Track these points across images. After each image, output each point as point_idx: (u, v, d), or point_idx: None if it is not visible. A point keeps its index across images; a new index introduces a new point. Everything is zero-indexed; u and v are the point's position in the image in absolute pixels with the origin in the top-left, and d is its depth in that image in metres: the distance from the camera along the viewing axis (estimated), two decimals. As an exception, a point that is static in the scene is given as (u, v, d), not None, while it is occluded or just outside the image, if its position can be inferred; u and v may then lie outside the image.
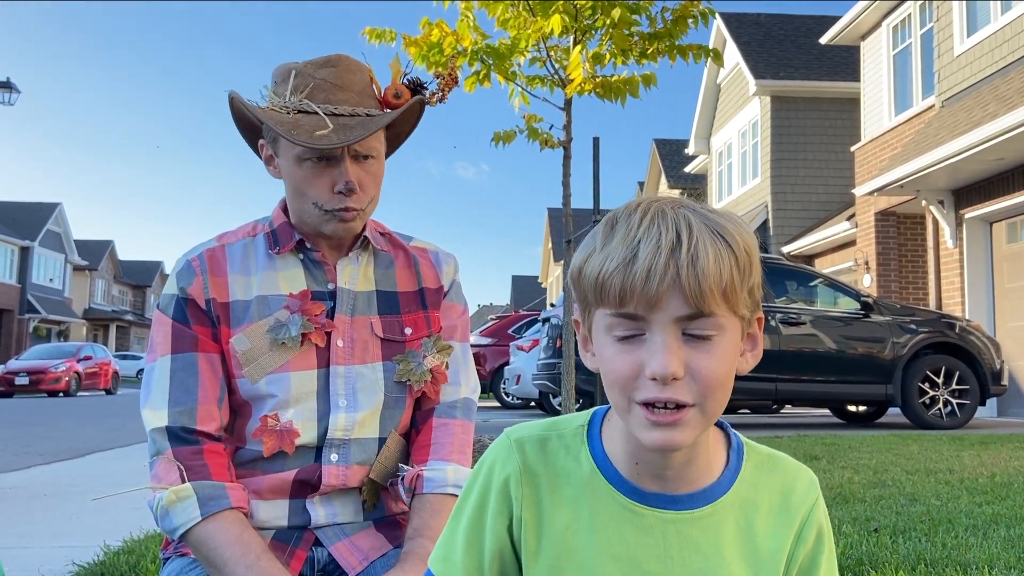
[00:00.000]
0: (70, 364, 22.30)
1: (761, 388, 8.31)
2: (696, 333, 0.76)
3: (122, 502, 4.05)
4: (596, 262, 0.78)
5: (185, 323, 1.37)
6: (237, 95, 1.38)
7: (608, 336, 0.78)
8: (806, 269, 9.95)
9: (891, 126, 13.21)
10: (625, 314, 0.76)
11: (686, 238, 0.75)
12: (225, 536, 1.25)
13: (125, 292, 55.05)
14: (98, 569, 2.48)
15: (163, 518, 1.29)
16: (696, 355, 0.76)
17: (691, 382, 0.75)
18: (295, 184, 1.38)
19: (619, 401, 0.79)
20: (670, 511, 0.83)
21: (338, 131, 1.32)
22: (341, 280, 1.43)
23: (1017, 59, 9.78)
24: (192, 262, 1.40)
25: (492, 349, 14.45)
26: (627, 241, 0.76)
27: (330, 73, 1.37)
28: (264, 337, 1.37)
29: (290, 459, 1.37)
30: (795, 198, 17.06)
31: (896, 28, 13.45)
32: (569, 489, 0.85)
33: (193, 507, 1.27)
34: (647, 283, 0.74)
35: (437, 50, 4.67)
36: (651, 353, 0.75)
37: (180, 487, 1.28)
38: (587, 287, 0.79)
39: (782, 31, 19.10)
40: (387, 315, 1.45)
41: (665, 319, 0.75)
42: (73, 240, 44.25)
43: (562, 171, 4.72)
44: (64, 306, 42.96)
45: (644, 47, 4.47)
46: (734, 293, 0.76)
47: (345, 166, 1.35)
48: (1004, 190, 10.12)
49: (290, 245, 1.42)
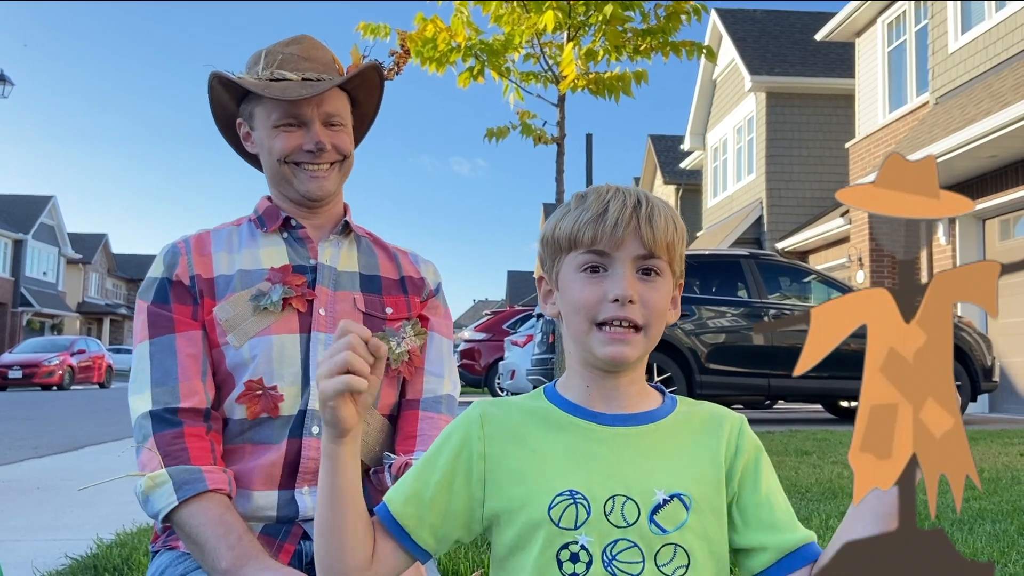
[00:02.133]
0: (64, 358, 22.27)
1: (754, 383, 8.35)
2: (648, 267, 0.99)
3: (113, 496, 4.06)
4: (572, 217, 1.00)
5: (163, 304, 1.42)
6: (219, 71, 1.49)
7: (578, 273, 0.99)
8: (799, 265, 9.99)
9: (886, 123, 13.25)
10: (595, 251, 0.98)
11: (644, 202, 1.00)
12: (205, 516, 1.28)
13: (119, 286, 54.91)
14: (91, 562, 2.49)
15: (145, 504, 1.33)
16: (646, 288, 0.99)
17: (642, 307, 0.98)
18: (270, 149, 1.49)
19: (581, 324, 0.99)
20: (620, 427, 1.00)
21: (307, 87, 1.46)
22: (322, 258, 1.50)
23: (1011, 56, 9.81)
24: (178, 244, 1.49)
25: (487, 344, 14.49)
26: (599, 202, 0.99)
27: (297, 48, 1.52)
28: (247, 304, 1.42)
29: (276, 430, 1.40)
30: (790, 194, 17.10)
31: (891, 25, 13.48)
32: (532, 422, 1.02)
33: (169, 492, 1.30)
34: (615, 228, 0.97)
35: (431, 46, 4.67)
36: (614, 282, 0.97)
37: (156, 473, 1.31)
38: (560, 238, 1.01)
39: (778, 27, 19.11)
40: (369, 294, 1.51)
41: (625, 256, 0.98)
42: (67, 233, 44.11)
43: (556, 167, 4.73)
44: (58, 300, 42.84)
45: (637, 43, 4.47)
46: (673, 249, 1.01)
47: (316, 128, 1.47)
48: (997, 187, 10.16)
49: (277, 223, 1.51)
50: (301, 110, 1.47)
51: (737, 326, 8.39)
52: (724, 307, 8.48)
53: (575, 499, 0.95)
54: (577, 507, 0.95)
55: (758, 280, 8.67)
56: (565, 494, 0.95)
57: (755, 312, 8.43)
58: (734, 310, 8.47)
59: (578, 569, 0.93)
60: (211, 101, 1.55)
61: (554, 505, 0.95)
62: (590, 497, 0.95)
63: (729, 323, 8.41)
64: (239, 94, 1.53)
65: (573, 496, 0.95)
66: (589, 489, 0.96)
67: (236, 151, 1.65)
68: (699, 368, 8.07)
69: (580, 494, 0.95)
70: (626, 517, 0.95)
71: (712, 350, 8.20)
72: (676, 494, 0.96)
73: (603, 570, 0.93)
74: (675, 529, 0.95)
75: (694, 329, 8.20)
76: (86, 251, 47.42)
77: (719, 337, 8.33)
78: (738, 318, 8.42)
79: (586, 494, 0.95)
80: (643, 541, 0.94)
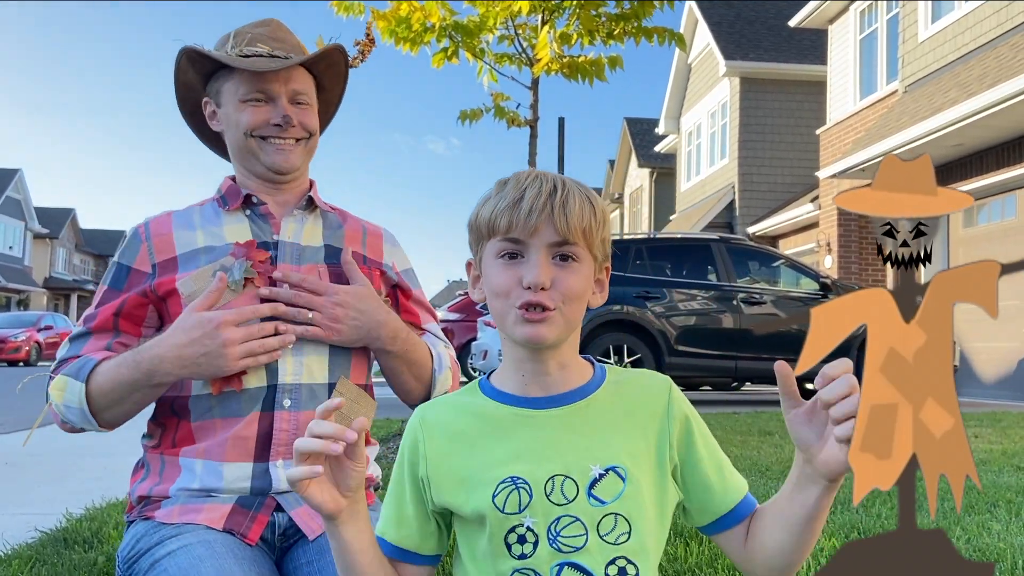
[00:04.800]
0: (30, 333, 21.95)
1: (722, 366, 8.49)
2: (563, 254, 1.01)
3: (82, 472, 4.07)
4: (491, 204, 1.03)
5: (116, 290, 1.50)
6: (190, 45, 1.53)
7: (496, 260, 1.02)
8: (768, 250, 10.12)
9: (856, 110, 13.41)
10: (511, 239, 1.01)
11: (560, 188, 1.02)
12: (108, 371, 1.41)
13: (87, 261, 54.05)
14: (61, 535, 2.51)
15: (68, 411, 1.43)
16: (561, 273, 1.01)
17: (555, 292, 1.00)
18: (236, 123, 1.53)
19: (501, 307, 1.02)
20: (553, 408, 1.05)
21: (276, 63, 1.51)
22: (284, 234, 1.53)
23: (979, 46, 9.97)
24: (138, 229, 1.54)
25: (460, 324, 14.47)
26: (517, 189, 1.02)
27: (266, 29, 1.58)
28: (209, 280, 1.45)
29: (243, 403, 1.43)
30: (761, 179, 17.27)
31: (863, 13, 13.61)
32: (467, 418, 1.07)
33: (73, 383, 1.41)
34: (529, 216, 0.99)
35: (405, 25, 4.67)
36: (528, 268, 1.00)
37: (53, 384, 1.44)
38: (482, 224, 1.03)
39: (753, 12, 19.19)
40: (334, 265, 1.55)
41: (539, 243, 1.00)
42: (33, 208, 43.25)
43: (528, 150, 4.76)
44: (24, 275, 42.09)
45: (611, 28, 4.51)
46: (591, 234, 1.02)
47: (283, 102, 1.52)
48: (962, 175, 10.36)
49: (238, 202, 1.54)
50: (269, 85, 1.51)
51: (706, 309, 8.51)
52: (694, 290, 8.60)
53: (516, 484, 1.00)
54: (519, 492, 1.00)
55: (728, 264, 8.80)
56: (507, 481, 1.00)
57: (725, 295, 8.55)
58: (704, 293, 8.59)
59: (526, 550, 0.99)
60: (176, 81, 1.58)
61: (497, 493, 1.00)
62: (531, 480, 1.00)
63: (699, 306, 8.53)
64: (206, 72, 1.56)
65: (514, 482, 1.00)
66: (529, 473, 1.00)
67: (196, 134, 1.68)
68: (668, 350, 8.19)
69: (521, 479, 1.00)
70: (566, 495, 0.99)
71: (681, 332, 8.32)
72: (611, 467, 1.01)
73: (549, 547, 0.98)
74: (613, 500, 1.00)
75: (664, 311, 8.31)
76: (53, 226, 46.54)
77: (689, 319, 8.45)
78: (707, 301, 8.55)
79: (527, 478, 1.00)
80: (584, 515, 0.99)
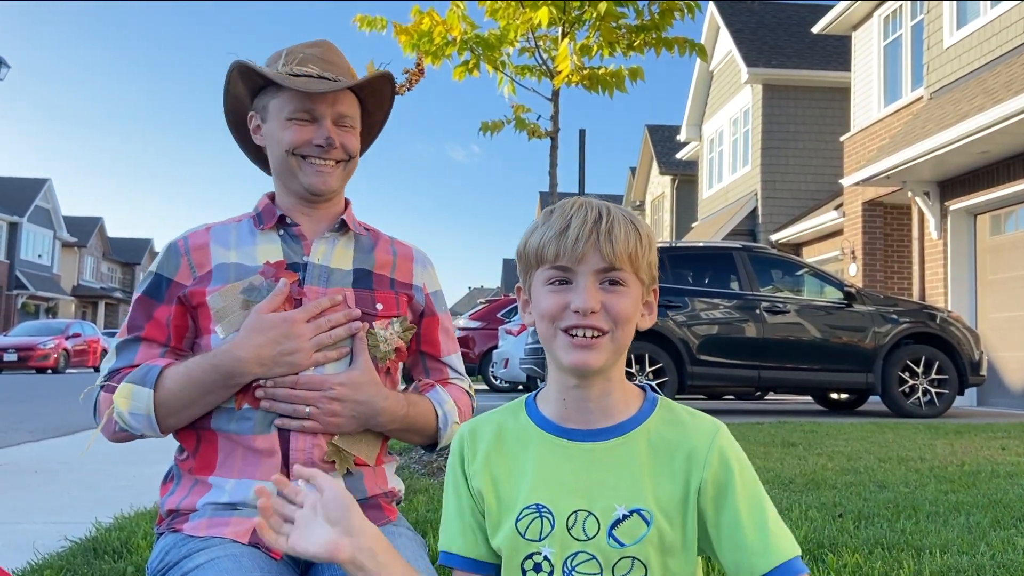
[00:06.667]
0: (59, 341, 22.30)
1: (745, 375, 8.44)
2: (610, 279, 1.03)
3: (110, 480, 4.14)
4: (538, 234, 1.06)
5: (154, 300, 1.52)
6: (242, 60, 1.54)
7: (545, 287, 1.05)
8: (792, 259, 10.06)
9: (880, 117, 13.30)
10: (559, 267, 1.03)
11: (605, 216, 1.04)
12: (177, 376, 1.42)
13: (114, 269, 54.79)
14: (91, 544, 2.56)
15: (133, 419, 1.42)
16: (610, 297, 1.03)
17: (606, 315, 1.02)
18: (279, 140, 1.54)
19: (548, 331, 1.04)
20: (589, 443, 1.05)
21: (326, 84, 1.53)
22: (314, 256, 1.55)
23: (1005, 52, 9.87)
24: (178, 244, 1.55)
25: (481, 332, 14.53)
26: (563, 218, 1.04)
27: (318, 51, 1.59)
28: (237, 297, 1.48)
29: (258, 422, 1.44)
30: (784, 187, 17.16)
31: (887, 19, 13.51)
32: (511, 440, 1.10)
33: (140, 390, 1.41)
34: (576, 244, 1.02)
35: (427, 39, 4.71)
36: (576, 294, 1.02)
37: (117, 392, 1.42)
38: (530, 253, 1.06)
39: (775, 19, 19.12)
40: (361, 290, 1.57)
41: (587, 270, 1.02)
42: (62, 216, 43.97)
43: (549, 161, 4.78)
44: (53, 283, 42.77)
45: (631, 39, 4.52)
46: (637, 259, 1.04)
47: (327, 124, 1.54)
48: (988, 183, 10.24)
49: (272, 221, 1.56)
50: (316, 105, 1.53)
51: (729, 318, 8.47)
52: (716, 299, 8.56)
53: (540, 512, 1.02)
54: (542, 520, 1.02)
55: (750, 272, 8.75)
56: (532, 507, 1.02)
57: (747, 304, 8.51)
58: (726, 302, 8.55)
59: None
60: (226, 92, 1.60)
61: (521, 517, 1.02)
62: (554, 511, 1.02)
63: (721, 315, 8.49)
64: (255, 87, 1.58)
65: (539, 510, 1.02)
66: (554, 503, 1.02)
67: (240, 146, 1.71)
68: (691, 359, 8.15)
69: (545, 508, 1.02)
70: (586, 531, 1.01)
71: (703, 341, 8.28)
72: (636, 509, 1.01)
73: None
74: (633, 543, 1.00)
75: (686, 320, 8.28)
76: (81, 234, 47.29)
77: (711, 329, 8.41)
78: (730, 310, 8.51)
79: (551, 508, 1.02)
80: (601, 554, 1.00)
